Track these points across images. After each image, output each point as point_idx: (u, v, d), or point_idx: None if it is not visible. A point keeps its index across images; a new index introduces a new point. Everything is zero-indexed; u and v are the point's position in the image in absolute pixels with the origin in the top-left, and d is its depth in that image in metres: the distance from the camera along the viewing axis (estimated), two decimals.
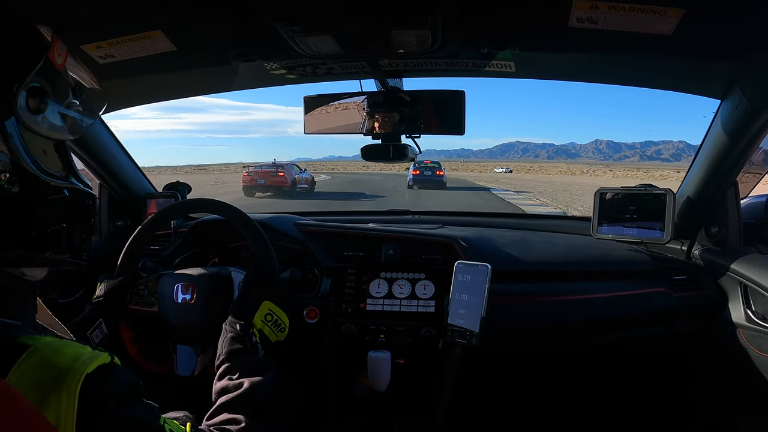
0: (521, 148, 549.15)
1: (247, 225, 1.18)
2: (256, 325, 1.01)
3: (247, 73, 1.50)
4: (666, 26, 1.06)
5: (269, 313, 1.05)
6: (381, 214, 1.92)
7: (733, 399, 1.47)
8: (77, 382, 0.50)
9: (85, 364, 0.52)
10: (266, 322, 1.03)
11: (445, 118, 1.36)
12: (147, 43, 1.21)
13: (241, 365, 0.90)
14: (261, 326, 1.02)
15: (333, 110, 1.41)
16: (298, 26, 1.14)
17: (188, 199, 1.72)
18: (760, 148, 1.42)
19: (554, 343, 1.46)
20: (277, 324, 1.05)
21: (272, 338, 1.04)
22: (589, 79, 1.48)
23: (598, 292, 1.40)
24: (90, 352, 0.55)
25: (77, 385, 0.50)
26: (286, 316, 1.07)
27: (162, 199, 1.75)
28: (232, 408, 0.81)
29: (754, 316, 1.31)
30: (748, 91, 1.25)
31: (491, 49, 1.29)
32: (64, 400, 0.49)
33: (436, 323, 1.34)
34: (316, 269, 1.42)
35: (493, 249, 1.46)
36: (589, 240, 1.54)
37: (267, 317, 1.04)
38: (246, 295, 1.09)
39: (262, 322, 1.03)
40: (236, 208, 1.22)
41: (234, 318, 1.00)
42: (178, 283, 1.15)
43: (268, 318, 1.04)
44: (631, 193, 1.45)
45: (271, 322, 1.04)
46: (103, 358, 0.55)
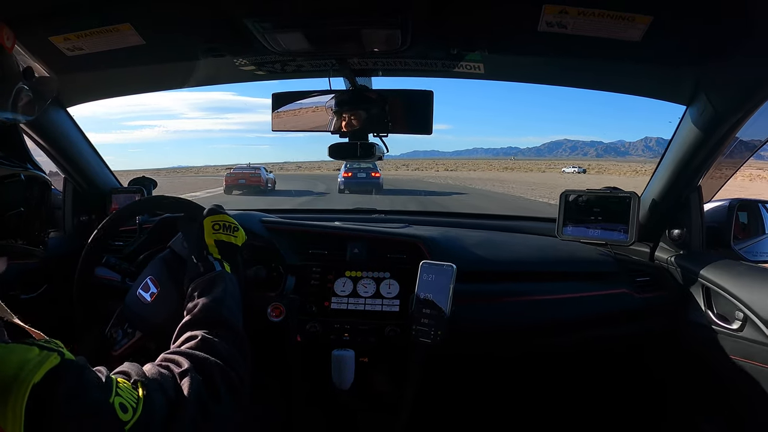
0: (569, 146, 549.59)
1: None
2: (209, 244, 1.02)
3: (216, 69, 1.49)
4: (635, 33, 1.07)
5: (215, 223, 1.05)
6: (347, 213, 1.92)
7: (696, 399, 1.49)
8: (23, 395, 0.49)
9: (32, 373, 0.50)
10: (217, 232, 1.04)
11: (413, 117, 1.36)
12: (115, 37, 1.20)
13: (196, 287, 0.93)
14: (216, 237, 1.03)
15: (301, 108, 1.41)
16: (268, 22, 1.13)
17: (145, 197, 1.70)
18: (724, 152, 1.45)
19: (518, 344, 1.47)
20: (227, 227, 1.06)
21: (235, 241, 1.06)
22: (558, 82, 1.50)
23: (561, 292, 1.41)
24: (37, 355, 0.53)
25: (23, 399, 0.48)
26: (229, 216, 1.09)
27: (128, 194, 1.73)
28: (190, 327, 0.84)
29: (716, 318, 1.33)
30: (713, 97, 1.27)
31: (461, 51, 1.30)
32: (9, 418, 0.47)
33: (400, 322, 1.34)
34: (281, 267, 1.41)
35: (459, 249, 1.46)
36: (555, 241, 1.55)
37: (215, 227, 1.04)
38: (186, 231, 1.10)
39: (214, 234, 1.03)
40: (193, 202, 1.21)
41: (189, 252, 1.02)
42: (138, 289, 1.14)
43: (216, 227, 1.04)
44: (596, 195, 1.47)
45: (221, 229, 1.05)
46: (52, 359, 0.54)
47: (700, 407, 1.48)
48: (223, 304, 0.89)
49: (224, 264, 1.00)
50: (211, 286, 0.92)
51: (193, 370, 0.71)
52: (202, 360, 0.75)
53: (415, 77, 1.47)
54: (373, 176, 19.23)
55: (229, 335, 0.84)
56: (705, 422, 1.45)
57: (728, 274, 1.32)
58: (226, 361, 0.78)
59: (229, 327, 0.86)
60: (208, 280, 0.94)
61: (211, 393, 0.72)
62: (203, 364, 0.74)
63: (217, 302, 0.89)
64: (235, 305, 0.92)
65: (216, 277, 0.95)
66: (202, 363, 0.74)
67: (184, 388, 0.68)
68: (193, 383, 0.69)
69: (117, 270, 1.30)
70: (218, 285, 0.93)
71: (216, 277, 0.95)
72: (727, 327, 1.29)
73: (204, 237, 1.03)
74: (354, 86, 1.39)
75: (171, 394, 0.67)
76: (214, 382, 0.73)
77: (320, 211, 1.95)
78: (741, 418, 1.33)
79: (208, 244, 1.02)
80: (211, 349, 0.78)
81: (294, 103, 1.41)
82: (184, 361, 0.73)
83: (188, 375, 0.70)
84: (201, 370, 0.73)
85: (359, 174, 18.91)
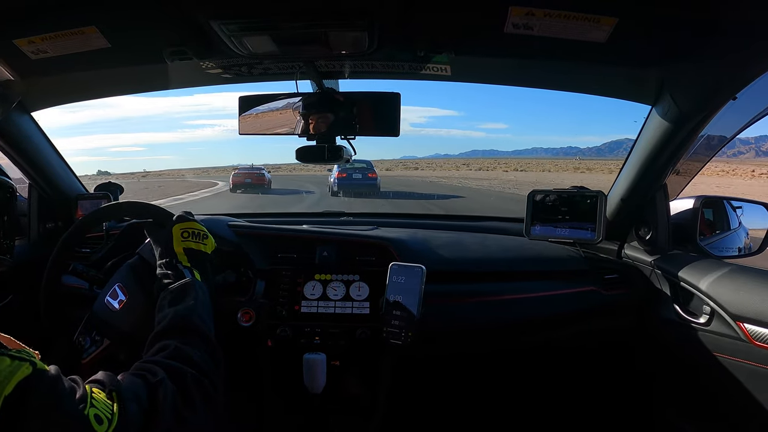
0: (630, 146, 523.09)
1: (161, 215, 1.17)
2: (178, 252, 1.01)
3: (181, 72, 1.47)
4: (600, 34, 1.08)
5: (184, 231, 1.05)
6: (315, 216, 1.92)
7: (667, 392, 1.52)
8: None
9: (2, 385, 0.49)
10: (186, 239, 1.04)
11: (381, 119, 1.36)
12: (80, 39, 1.18)
13: (167, 296, 0.92)
14: (185, 245, 1.02)
15: (268, 111, 1.39)
16: (234, 25, 1.12)
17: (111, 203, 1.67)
18: (689, 151, 1.47)
19: (489, 343, 1.49)
20: (196, 235, 1.05)
21: (204, 249, 1.05)
22: (524, 83, 1.51)
23: (530, 291, 1.42)
24: (8, 365, 0.52)
25: None
26: (198, 223, 1.08)
27: (94, 200, 1.70)
28: (162, 336, 0.83)
29: (684, 313, 1.35)
30: (678, 97, 1.29)
31: (427, 53, 1.29)
32: None
33: (370, 325, 1.34)
34: (250, 272, 1.40)
35: (428, 250, 1.46)
36: (523, 241, 1.56)
37: (183, 235, 1.04)
38: (155, 238, 1.08)
39: (183, 242, 1.03)
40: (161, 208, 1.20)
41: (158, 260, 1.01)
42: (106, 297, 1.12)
43: (185, 235, 1.04)
44: (563, 194, 1.49)
45: (189, 237, 1.04)
46: (23, 370, 0.52)
47: (671, 400, 1.50)
48: (195, 313, 0.89)
49: (194, 272, 0.99)
50: (181, 294, 0.92)
51: (167, 380, 0.71)
52: (176, 369, 0.74)
53: (383, 79, 1.47)
54: (370, 177, 17.48)
55: (202, 343, 0.84)
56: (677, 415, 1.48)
57: (694, 270, 1.34)
58: (199, 370, 0.77)
59: (202, 335, 0.86)
60: (179, 289, 0.93)
61: (186, 402, 0.71)
62: (177, 373, 0.74)
63: (189, 310, 0.88)
64: (206, 313, 0.92)
65: (186, 285, 0.94)
66: (176, 372, 0.74)
67: (159, 398, 0.68)
68: (167, 393, 0.69)
69: (84, 277, 1.28)
70: (189, 293, 0.92)
71: (186, 286, 0.94)
72: (694, 321, 1.31)
73: (173, 245, 1.02)
74: (321, 89, 1.38)
75: (146, 404, 0.66)
76: (188, 391, 0.73)
77: (289, 215, 1.94)
78: (712, 409, 1.36)
79: (177, 252, 1.02)
80: (184, 357, 0.78)
81: (261, 107, 1.40)
82: (159, 371, 0.72)
83: (163, 384, 0.70)
84: (175, 379, 0.73)
85: (354, 174, 16.99)
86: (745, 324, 1.18)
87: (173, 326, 0.85)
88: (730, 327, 1.21)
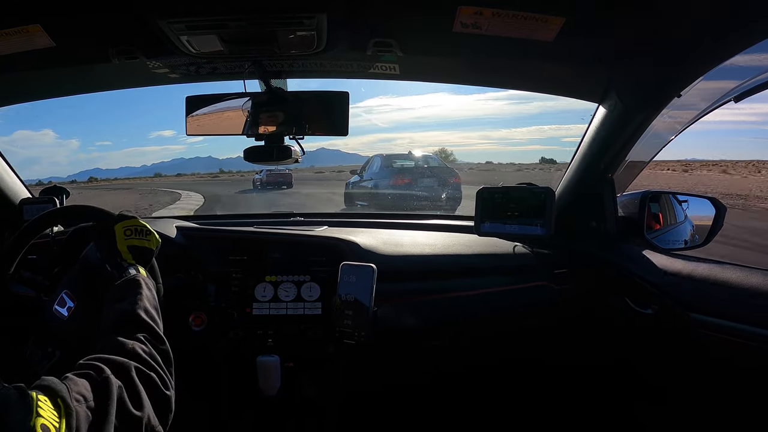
0: None
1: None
2: (122, 250, 1.00)
3: (128, 72, 1.44)
4: (548, 33, 1.10)
5: (126, 229, 1.03)
6: (265, 217, 1.90)
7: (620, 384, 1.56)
8: None
9: None
10: (129, 237, 1.02)
11: (330, 119, 1.35)
12: (24, 38, 1.14)
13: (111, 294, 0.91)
14: (129, 243, 1.01)
15: (216, 111, 1.38)
16: (181, 24, 1.10)
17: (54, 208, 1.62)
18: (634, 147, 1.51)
19: (443, 339, 1.50)
20: (139, 232, 1.04)
21: (148, 245, 1.04)
22: (473, 82, 1.53)
23: (482, 287, 1.44)
24: None
25: None
26: (140, 220, 1.07)
27: (39, 204, 1.64)
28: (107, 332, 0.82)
29: (633, 305, 1.39)
30: (623, 96, 1.32)
31: (376, 52, 1.30)
32: None
33: (323, 325, 1.33)
34: (200, 275, 1.38)
35: (378, 249, 1.47)
36: (474, 238, 1.58)
37: (126, 233, 1.03)
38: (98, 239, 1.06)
39: (126, 239, 1.02)
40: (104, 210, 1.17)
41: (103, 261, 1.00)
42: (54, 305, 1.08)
43: (127, 233, 1.03)
44: (511, 191, 1.51)
45: (132, 234, 1.03)
46: None
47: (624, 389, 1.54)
48: (140, 307, 0.87)
49: (139, 268, 0.98)
50: (126, 291, 0.90)
51: (112, 376, 0.69)
52: (120, 364, 0.73)
53: (332, 78, 1.47)
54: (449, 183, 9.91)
55: (148, 337, 0.82)
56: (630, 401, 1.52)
57: (642, 262, 1.38)
58: (145, 364, 0.76)
59: (148, 329, 0.84)
60: (123, 285, 0.92)
61: (132, 397, 0.70)
62: (121, 367, 0.72)
63: (133, 305, 0.87)
64: (152, 307, 0.90)
65: (131, 281, 0.93)
66: (121, 367, 0.72)
67: (105, 396, 0.66)
68: (112, 389, 0.67)
69: (31, 285, 1.24)
70: (133, 289, 0.91)
71: (131, 282, 0.93)
72: (644, 312, 1.35)
73: (116, 243, 1.01)
74: (269, 88, 1.37)
75: (92, 404, 0.64)
76: (134, 385, 0.71)
77: (238, 216, 1.92)
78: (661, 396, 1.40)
79: (121, 250, 1.00)
80: (128, 352, 0.77)
81: (209, 107, 1.38)
82: (103, 367, 0.70)
83: (108, 381, 0.68)
84: (120, 374, 0.71)
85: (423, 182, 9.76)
86: (692, 314, 1.22)
87: (118, 322, 0.84)
88: (678, 317, 1.25)
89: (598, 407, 1.63)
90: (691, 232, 1.71)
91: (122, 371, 0.72)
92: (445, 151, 61.14)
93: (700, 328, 1.20)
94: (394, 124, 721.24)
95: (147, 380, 0.74)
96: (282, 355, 1.34)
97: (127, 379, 0.71)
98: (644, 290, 1.35)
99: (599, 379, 1.62)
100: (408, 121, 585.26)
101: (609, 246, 1.51)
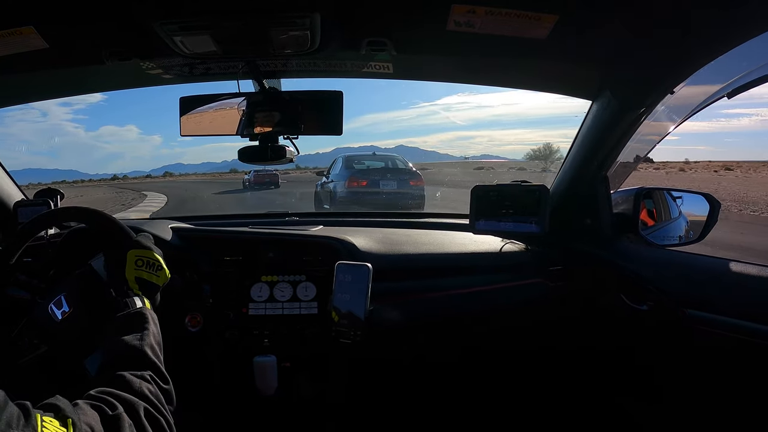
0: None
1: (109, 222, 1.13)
2: (129, 279, 0.98)
3: (121, 73, 1.44)
4: (541, 31, 1.10)
5: (138, 259, 1.01)
6: (260, 217, 1.90)
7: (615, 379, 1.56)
8: None
9: None
10: (139, 268, 1.00)
11: (324, 118, 1.35)
12: (18, 40, 1.14)
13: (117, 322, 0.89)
14: (137, 274, 0.99)
15: (210, 112, 1.38)
16: (174, 25, 1.10)
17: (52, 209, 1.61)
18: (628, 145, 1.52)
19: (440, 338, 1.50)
20: (150, 265, 1.02)
21: (156, 281, 1.02)
22: (466, 80, 1.53)
23: (477, 285, 1.44)
24: None
25: None
26: (156, 254, 1.04)
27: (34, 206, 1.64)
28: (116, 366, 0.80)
29: (628, 301, 1.39)
30: (617, 93, 1.32)
31: (369, 51, 1.30)
32: None
33: (319, 325, 1.33)
34: (196, 275, 1.38)
35: (374, 248, 1.47)
36: (469, 236, 1.58)
37: (138, 263, 1.00)
38: (108, 256, 1.04)
39: (135, 270, 1.00)
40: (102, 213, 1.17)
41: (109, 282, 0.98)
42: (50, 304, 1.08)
43: (139, 263, 1.01)
44: (506, 189, 1.51)
45: (143, 266, 1.01)
46: None
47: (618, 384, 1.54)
48: (146, 344, 0.86)
49: (145, 300, 0.97)
50: (132, 323, 0.89)
51: (124, 414, 0.69)
52: (131, 403, 0.72)
53: (326, 78, 1.47)
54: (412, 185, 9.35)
55: (154, 377, 0.82)
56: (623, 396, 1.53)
57: (637, 259, 1.39)
58: (153, 405, 0.76)
59: (153, 367, 0.83)
60: (130, 317, 0.91)
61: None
62: (132, 407, 0.72)
63: (140, 340, 0.86)
64: (156, 344, 0.89)
65: (138, 314, 0.92)
66: (131, 406, 0.72)
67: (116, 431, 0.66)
68: (125, 428, 0.67)
69: (27, 288, 1.23)
70: (140, 323, 0.89)
71: (138, 315, 0.91)
72: (639, 308, 1.35)
73: (125, 270, 0.99)
74: (263, 88, 1.37)
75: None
76: (142, 426, 0.71)
77: (233, 217, 1.91)
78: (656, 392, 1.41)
79: (129, 279, 0.99)
80: (137, 392, 0.76)
81: (203, 107, 1.38)
82: (116, 404, 0.70)
83: (120, 418, 0.68)
84: (131, 414, 0.70)
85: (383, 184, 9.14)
86: (687, 309, 1.23)
87: (125, 357, 0.82)
88: (673, 313, 1.25)
89: (592, 403, 1.64)
90: (686, 228, 1.72)
91: (132, 411, 0.71)
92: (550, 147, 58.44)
93: (694, 324, 1.21)
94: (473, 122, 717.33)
95: (154, 422, 0.73)
96: (278, 355, 1.34)
97: (136, 418, 0.71)
98: (639, 286, 1.36)
99: (594, 375, 1.62)
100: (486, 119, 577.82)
101: (604, 243, 1.51)
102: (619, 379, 1.55)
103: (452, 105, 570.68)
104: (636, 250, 1.45)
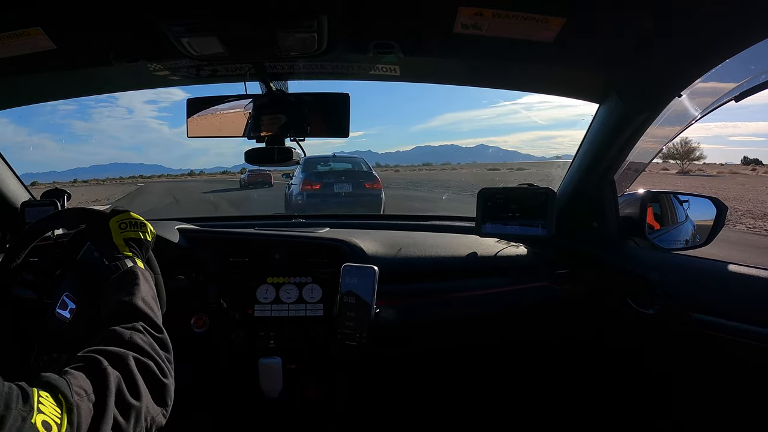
0: None
1: None
2: (118, 244, 0.99)
3: (128, 74, 1.44)
4: (548, 34, 1.09)
5: (121, 222, 1.03)
6: (266, 219, 1.90)
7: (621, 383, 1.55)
8: None
9: None
10: (124, 230, 1.02)
11: (330, 120, 1.35)
12: (25, 41, 1.14)
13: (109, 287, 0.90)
14: (124, 236, 1.01)
15: (217, 113, 1.38)
16: (182, 26, 1.10)
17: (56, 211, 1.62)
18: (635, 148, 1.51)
19: (445, 340, 1.50)
20: (134, 224, 1.03)
21: (144, 236, 1.04)
22: (474, 83, 1.52)
23: (483, 288, 1.44)
24: None
25: None
26: (133, 213, 1.06)
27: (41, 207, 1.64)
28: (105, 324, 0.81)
29: (635, 305, 1.39)
30: (624, 97, 1.32)
31: (376, 53, 1.30)
32: None
33: (325, 327, 1.33)
34: (202, 276, 1.38)
35: (380, 251, 1.47)
36: (475, 239, 1.58)
37: (121, 226, 1.02)
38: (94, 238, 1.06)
39: (121, 233, 1.01)
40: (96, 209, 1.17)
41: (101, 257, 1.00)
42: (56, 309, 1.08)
43: (122, 226, 1.02)
44: (512, 192, 1.51)
45: (127, 227, 1.02)
46: None
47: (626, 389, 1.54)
48: (137, 297, 0.87)
49: (136, 260, 0.98)
50: (123, 282, 0.90)
51: (110, 367, 0.69)
52: (117, 354, 0.73)
53: (332, 80, 1.47)
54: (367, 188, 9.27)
55: (145, 326, 0.82)
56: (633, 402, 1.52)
57: (644, 262, 1.38)
58: (143, 353, 0.76)
59: (145, 318, 0.84)
60: (120, 277, 0.92)
61: (130, 387, 0.70)
62: (119, 358, 0.72)
63: (130, 295, 0.87)
64: (150, 297, 0.90)
65: (128, 272, 0.93)
66: (118, 357, 0.72)
67: (104, 388, 0.66)
68: (111, 381, 0.67)
69: (33, 288, 1.24)
70: (130, 280, 0.91)
71: (128, 273, 0.93)
72: (646, 312, 1.35)
73: (112, 238, 1.00)
74: (270, 90, 1.37)
75: (93, 397, 0.64)
76: (132, 375, 0.71)
77: (239, 218, 1.92)
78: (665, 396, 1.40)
79: (118, 244, 1.00)
80: (126, 342, 0.76)
81: (210, 108, 1.38)
82: (101, 359, 0.70)
83: (106, 373, 0.68)
84: (117, 365, 0.71)
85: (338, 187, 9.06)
86: (694, 314, 1.22)
87: (116, 313, 0.84)
88: (680, 317, 1.25)
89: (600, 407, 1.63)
90: (693, 232, 1.71)
91: (120, 362, 0.71)
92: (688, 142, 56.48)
93: (701, 328, 1.20)
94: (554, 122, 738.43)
95: (145, 369, 0.74)
96: (284, 357, 1.34)
97: (125, 369, 0.71)
98: (646, 290, 1.35)
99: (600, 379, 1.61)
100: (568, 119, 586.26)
101: (610, 246, 1.51)
102: (625, 382, 1.54)
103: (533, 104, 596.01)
104: (642, 253, 1.44)
